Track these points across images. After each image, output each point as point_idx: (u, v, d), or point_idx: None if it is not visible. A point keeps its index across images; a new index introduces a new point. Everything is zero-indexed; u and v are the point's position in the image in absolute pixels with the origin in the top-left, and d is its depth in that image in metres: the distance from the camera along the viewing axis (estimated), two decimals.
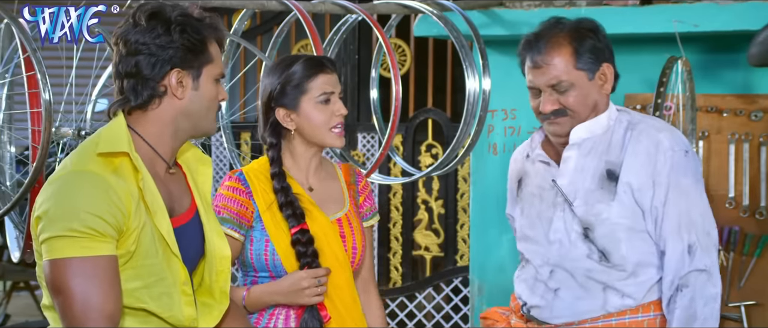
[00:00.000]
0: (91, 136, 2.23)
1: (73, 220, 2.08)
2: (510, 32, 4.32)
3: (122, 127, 2.20)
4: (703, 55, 4.19)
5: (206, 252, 2.32)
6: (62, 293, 2.09)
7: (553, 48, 2.65)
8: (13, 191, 3.18)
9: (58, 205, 2.10)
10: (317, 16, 5.07)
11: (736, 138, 4.23)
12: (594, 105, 2.69)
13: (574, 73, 2.64)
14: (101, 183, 2.11)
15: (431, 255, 5.96)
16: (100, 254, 2.09)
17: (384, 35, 3.53)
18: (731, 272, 4.25)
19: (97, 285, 2.08)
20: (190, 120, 2.24)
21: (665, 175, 2.63)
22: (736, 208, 4.23)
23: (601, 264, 2.67)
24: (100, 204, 2.09)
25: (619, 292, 2.67)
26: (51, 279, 2.11)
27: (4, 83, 3.17)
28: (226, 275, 2.34)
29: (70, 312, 2.08)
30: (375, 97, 3.93)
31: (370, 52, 4.89)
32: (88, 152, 2.17)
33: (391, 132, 3.51)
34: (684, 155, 2.66)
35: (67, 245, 2.08)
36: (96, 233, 2.09)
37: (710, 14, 3.99)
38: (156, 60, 2.18)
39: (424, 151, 5.84)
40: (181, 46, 2.19)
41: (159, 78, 2.19)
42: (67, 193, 2.11)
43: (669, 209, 2.63)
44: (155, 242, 2.18)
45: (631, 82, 4.35)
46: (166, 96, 2.21)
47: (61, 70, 3.13)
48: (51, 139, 2.89)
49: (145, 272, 2.17)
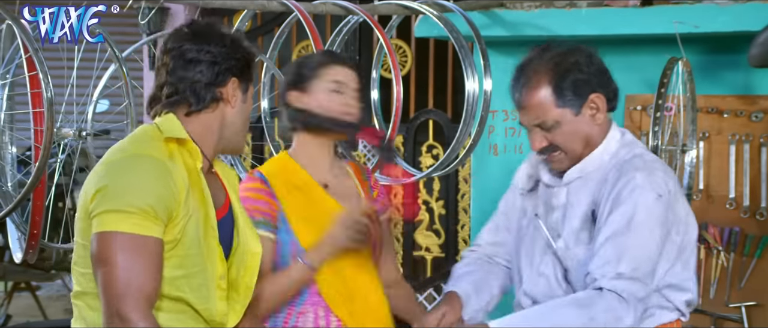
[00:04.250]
0: (144, 126, 2.31)
1: (132, 196, 2.14)
2: (511, 33, 4.32)
3: (176, 121, 2.29)
4: (704, 56, 4.19)
5: (238, 247, 2.36)
6: (107, 265, 2.14)
7: (532, 88, 2.54)
8: (15, 192, 3.18)
9: (118, 181, 2.17)
10: (318, 17, 5.07)
11: (737, 139, 4.23)
12: (586, 138, 2.57)
13: (556, 112, 2.53)
14: (161, 167, 2.19)
15: (432, 256, 5.96)
16: (150, 234, 2.15)
17: (385, 36, 3.53)
18: (732, 273, 4.25)
19: (142, 264, 2.14)
20: (229, 131, 2.35)
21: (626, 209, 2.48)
22: (736, 209, 4.22)
23: None
24: (158, 187, 2.16)
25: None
26: (98, 250, 2.15)
27: (5, 84, 3.17)
28: (254, 271, 2.39)
29: (110, 284, 2.13)
30: (376, 98, 3.93)
31: (371, 53, 4.88)
32: (146, 138, 2.25)
33: (392, 133, 3.51)
34: (655, 199, 2.50)
35: (120, 220, 2.14)
36: (150, 213, 2.15)
37: (711, 15, 3.98)
38: (219, 68, 2.29)
39: (425, 152, 5.84)
40: (241, 57, 2.32)
41: (221, 85, 2.30)
42: (128, 172, 2.18)
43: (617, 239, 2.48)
44: (199, 233, 2.24)
45: (632, 83, 4.34)
46: (221, 102, 2.31)
47: (62, 71, 3.13)
48: (53, 140, 2.90)
49: (188, 262, 2.22)
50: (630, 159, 2.56)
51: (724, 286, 4.29)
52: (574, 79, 2.53)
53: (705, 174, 4.30)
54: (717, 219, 4.30)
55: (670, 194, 2.53)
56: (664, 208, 2.52)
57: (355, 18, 3.68)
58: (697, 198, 4.27)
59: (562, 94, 2.52)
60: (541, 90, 2.53)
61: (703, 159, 4.27)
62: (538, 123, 2.55)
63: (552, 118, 2.53)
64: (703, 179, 4.29)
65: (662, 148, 3.62)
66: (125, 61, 3.21)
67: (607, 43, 4.42)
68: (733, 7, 3.96)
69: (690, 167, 3.88)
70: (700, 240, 4.36)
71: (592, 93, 2.56)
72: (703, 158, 4.27)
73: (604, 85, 2.59)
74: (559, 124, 2.54)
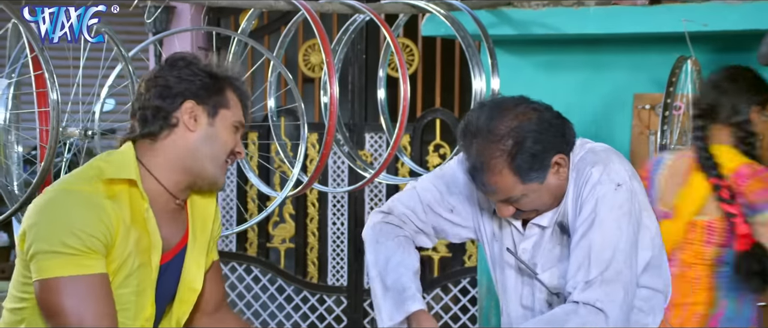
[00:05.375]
0: (91, 162, 2.22)
1: (67, 235, 2.06)
2: (518, 32, 4.30)
3: (130, 155, 2.20)
4: (713, 55, 4.17)
5: (182, 286, 2.29)
6: (56, 316, 2.06)
7: (492, 176, 2.39)
8: (21, 191, 3.17)
9: (50, 220, 2.08)
10: (325, 16, 5.06)
11: None
12: (555, 193, 2.45)
13: (521, 188, 2.40)
14: (93, 202, 2.10)
15: (439, 256, 5.94)
16: (93, 272, 2.08)
17: (392, 35, 3.52)
18: None
19: (92, 305, 2.06)
20: (197, 159, 2.22)
21: (587, 209, 2.38)
22: None
23: None
24: (93, 221, 2.08)
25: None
26: (44, 300, 2.08)
27: (11, 83, 3.17)
28: (189, 306, 2.31)
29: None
30: (383, 97, 3.92)
31: (378, 52, 4.88)
32: (84, 176, 2.16)
33: (399, 132, 3.50)
34: (614, 189, 2.38)
35: (61, 263, 2.06)
36: (89, 250, 2.07)
37: (720, 14, 3.96)
38: (170, 91, 2.19)
39: (432, 152, 5.82)
40: (196, 80, 2.20)
41: (172, 109, 2.20)
42: (58, 209, 2.09)
43: (582, 241, 2.38)
44: (133, 275, 2.16)
45: (640, 81, 4.33)
46: (177, 128, 2.21)
47: (67, 70, 3.12)
48: (58, 139, 2.89)
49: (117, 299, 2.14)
50: (582, 156, 2.45)
51: None
52: (530, 154, 2.38)
53: None
54: None
55: (630, 179, 2.42)
56: (627, 196, 2.39)
57: (361, 16, 3.66)
58: None
59: (526, 173, 2.39)
60: (502, 176, 2.39)
61: None
62: (505, 199, 2.44)
63: (519, 192, 2.42)
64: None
65: (671, 147, 3.60)
66: (131, 60, 3.20)
67: (615, 41, 4.40)
68: (743, 5, 3.94)
69: None
70: None
71: (552, 157, 2.42)
72: None
73: (561, 144, 2.44)
74: (526, 195, 2.43)
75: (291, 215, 6.05)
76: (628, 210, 2.39)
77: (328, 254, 5.95)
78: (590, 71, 4.53)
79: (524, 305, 2.54)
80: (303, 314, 6.00)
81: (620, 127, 4.51)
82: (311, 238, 6.02)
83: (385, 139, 5.69)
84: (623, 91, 4.49)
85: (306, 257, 6.05)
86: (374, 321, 5.88)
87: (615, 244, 2.36)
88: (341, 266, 5.95)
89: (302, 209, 6.02)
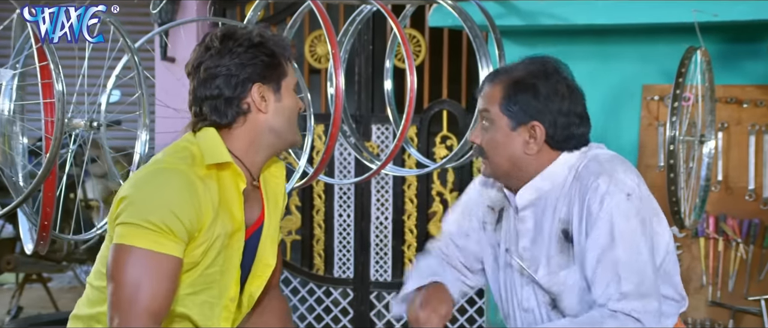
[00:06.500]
0: (178, 145, 2.27)
1: (153, 212, 2.13)
2: (526, 22, 4.28)
3: (219, 139, 2.26)
4: (723, 45, 4.15)
5: (258, 262, 2.36)
6: (116, 280, 2.14)
7: (494, 81, 2.53)
8: (26, 183, 3.16)
9: (143, 194, 2.16)
10: (331, 7, 5.04)
11: (757, 129, 4.19)
12: (511, 159, 2.49)
13: (496, 112, 2.49)
14: (190, 186, 2.17)
15: None
16: (167, 252, 2.14)
17: (399, 25, 3.49)
18: (751, 265, 4.22)
19: (152, 281, 2.12)
20: (275, 133, 2.31)
21: (603, 222, 2.39)
22: (756, 200, 4.18)
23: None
24: (184, 206, 2.15)
25: None
26: (112, 261, 2.16)
27: (16, 74, 3.15)
28: (263, 282, 2.38)
29: (116, 298, 2.13)
30: (389, 88, 3.90)
31: (384, 42, 4.85)
32: (183, 156, 2.22)
33: (406, 123, 3.47)
34: (626, 200, 2.40)
35: (139, 235, 2.13)
36: (170, 231, 2.13)
37: (730, 4, 3.94)
38: (236, 80, 2.25)
39: (439, 143, 5.80)
40: (259, 62, 2.26)
41: (242, 96, 2.26)
42: (154, 185, 2.17)
43: (606, 256, 2.39)
44: (221, 255, 2.23)
45: (649, 72, 4.31)
46: (251, 113, 2.28)
47: (73, 62, 3.11)
48: (64, 131, 2.88)
49: (200, 280, 2.22)
50: (586, 164, 2.47)
51: (743, 279, 4.25)
52: (525, 98, 2.48)
53: (724, 165, 4.26)
54: (736, 211, 4.26)
55: (638, 187, 2.45)
56: (638, 205, 2.42)
57: (368, 7, 3.64)
58: (715, 189, 4.22)
59: (508, 101, 2.48)
60: (498, 85, 2.51)
61: (722, 150, 4.22)
62: (482, 110, 2.53)
63: (492, 114, 2.50)
64: (722, 171, 4.25)
65: (680, 138, 3.57)
66: (137, 51, 3.19)
67: (623, 32, 4.38)
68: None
69: (708, 158, 3.83)
70: (719, 232, 4.32)
71: (535, 120, 2.47)
72: (722, 149, 4.22)
73: (553, 121, 2.48)
74: (493, 125, 2.50)
75: (297, 206, 6.03)
76: (643, 218, 2.43)
77: (335, 246, 5.94)
78: (598, 62, 4.51)
79: (525, 308, 2.57)
80: (309, 306, 5.99)
81: (629, 119, 4.49)
82: (317, 230, 6.00)
83: (392, 131, 5.66)
84: (632, 82, 4.47)
85: (312, 249, 6.04)
86: (380, 314, 5.89)
87: (641, 256, 2.41)
88: (348, 258, 5.94)
89: (308, 201, 6.00)
